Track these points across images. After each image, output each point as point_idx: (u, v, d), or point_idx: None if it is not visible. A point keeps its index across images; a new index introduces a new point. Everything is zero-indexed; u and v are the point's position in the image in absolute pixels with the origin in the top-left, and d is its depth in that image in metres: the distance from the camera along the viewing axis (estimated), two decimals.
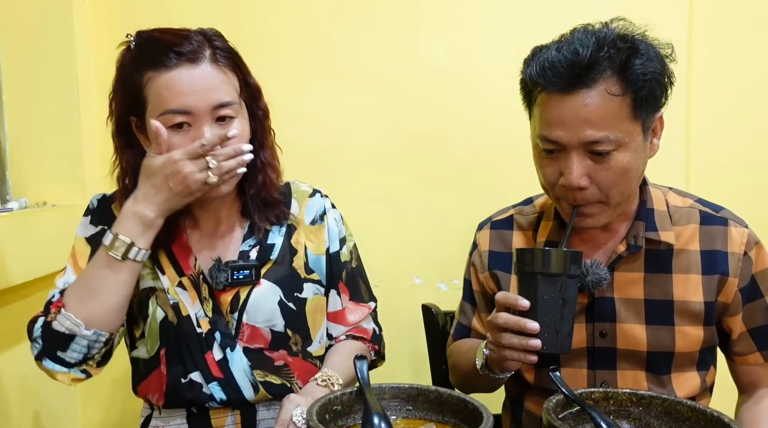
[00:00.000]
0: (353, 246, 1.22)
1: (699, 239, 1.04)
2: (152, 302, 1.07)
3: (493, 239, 1.17)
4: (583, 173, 0.95)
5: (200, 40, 0.99)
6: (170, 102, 0.96)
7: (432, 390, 0.88)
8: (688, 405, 0.83)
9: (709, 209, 1.06)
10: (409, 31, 1.66)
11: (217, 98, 0.98)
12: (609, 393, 0.87)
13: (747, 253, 1.03)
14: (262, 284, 1.09)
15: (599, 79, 0.92)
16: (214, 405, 1.06)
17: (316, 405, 0.81)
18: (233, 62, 1.02)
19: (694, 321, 1.02)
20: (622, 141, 0.94)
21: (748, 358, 1.06)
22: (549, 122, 0.95)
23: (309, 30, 1.68)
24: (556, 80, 0.92)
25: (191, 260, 1.08)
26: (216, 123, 0.99)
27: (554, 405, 0.83)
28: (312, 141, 1.68)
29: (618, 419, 0.86)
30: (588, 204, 0.98)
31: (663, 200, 1.08)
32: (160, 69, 0.96)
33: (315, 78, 1.68)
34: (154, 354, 1.08)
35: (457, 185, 1.70)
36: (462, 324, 1.22)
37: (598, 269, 1.01)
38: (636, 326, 1.03)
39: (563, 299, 0.89)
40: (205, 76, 0.97)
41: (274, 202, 1.11)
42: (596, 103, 0.91)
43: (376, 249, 1.70)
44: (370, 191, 1.70)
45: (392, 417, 0.87)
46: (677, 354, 1.03)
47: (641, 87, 0.92)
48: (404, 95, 1.67)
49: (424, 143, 1.68)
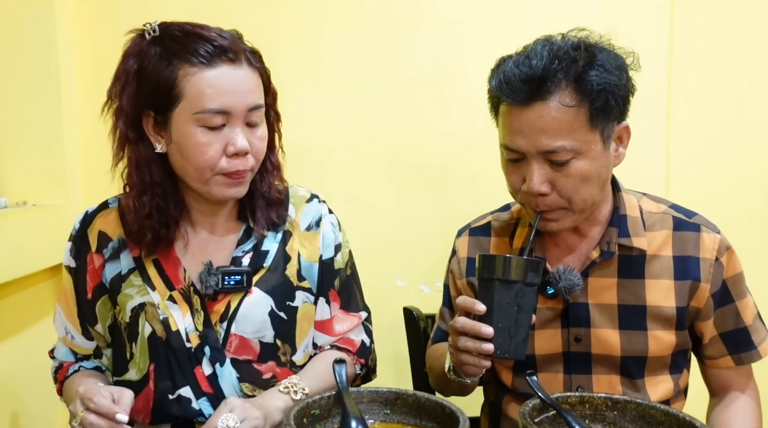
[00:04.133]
0: (349, 254, 1.19)
1: (672, 245, 1.05)
2: (142, 318, 1.05)
3: (471, 245, 1.19)
4: (544, 181, 0.97)
5: (233, 38, 0.99)
6: (212, 101, 0.95)
7: (410, 394, 0.88)
8: (662, 409, 0.84)
9: (683, 215, 1.08)
10: (393, 34, 1.67)
11: (254, 100, 0.98)
12: (585, 398, 0.89)
13: (718, 259, 1.04)
14: (254, 292, 1.07)
15: (554, 91, 0.94)
16: (203, 419, 1.04)
17: (294, 409, 0.81)
18: (261, 65, 1.02)
19: (666, 326, 1.04)
20: (580, 150, 0.95)
21: (719, 362, 1.08)
22: (509, 132, 0.99)
23: (293, 31, 1.67)
24: (513, 94, 0.95)
25: (180, 273, 1.06)
26: (245, 126, 0.99)
27: (530, 409, 0.84)
28: (295, 142, 1.66)
29: (593, 423, 0.88)
30: (551, 210, 1.00)
31: (636, 206, 1.09)
32: (202, 66, 0.94)
33: (298, 79, 1.68)
34: (145, 373, 1.06)
35: (441, 188, 1.70)
36: (441, 329, 1.22)
37: (570, 275, 1.03)
38: (609, 331, 1.05)
39: (519, 305, 0.90)
40: (246, 77, 0.97)
41: (276, 201, 1.11)
42: (551, 115, 0.94)
43: (358, 251, 1.68)
44: (353, 192, 1.70)
45: (370, 421, 0.87)
46: (650, 358, 1.04)
47: (596, 98, 0.94)
48: (387, 97, 1.68)
49: (407, 145, 1.69)
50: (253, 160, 1.01)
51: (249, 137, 0.99)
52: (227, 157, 0.98)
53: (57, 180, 1.62)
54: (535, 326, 1.08)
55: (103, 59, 1.04)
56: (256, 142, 1.01)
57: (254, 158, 1.01)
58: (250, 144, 0.99)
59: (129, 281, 1.07)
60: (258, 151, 1.02)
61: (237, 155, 0.98)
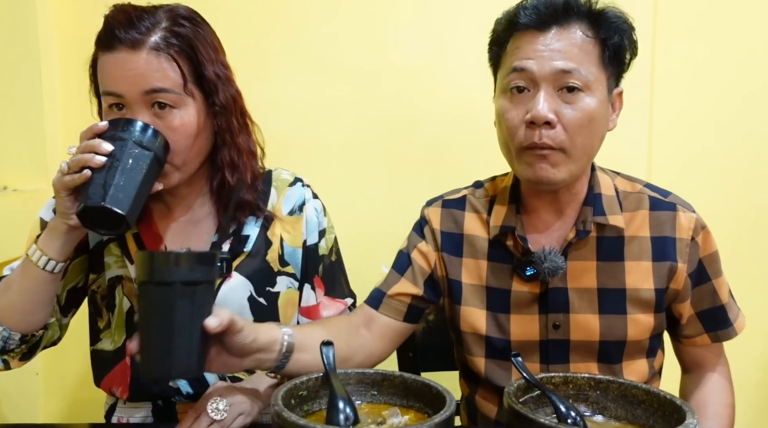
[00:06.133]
0: (334, 240, 1.19)
1: (649, 226, 1.04)
2: (119, 292, 1.06)
3: (444, 218, 1.13)
4: (552, 109, 0.95)
5: (151, 25, 0.97)
6: (106, 84, 0.97)
7: (397, 375, 0.89)
8: (643, 388, 0.86)
9: (658, 195, 1.07)
10: (382, 21, 1.66)
11: (149, 83, 0.96)
12: (568, 378, 0.90)
13: (694, 238, 1.04)
14: (234, 277, 1.07)
15: (574, 19, 0.96)
16: (180, 398, 1.05)
17: (281, 390, 0.81)
18: (183, 51, 0.99)
19: (645, 309, 1.04)
20: (591, 83, 0.96)
21: (695, 340, 1.09)
22: (521, 56, 0.97)
23: (280, 17, 1.66)
24: (533, 17, 0.96)
25: (161, 250, 1.06)
26: (153, 114, 0.97)
27: (515, 389, 0.85)
28: (281, 128, 1.68)
29: (576, 402, 0.89)
30: (552, 150, 0.96)
31: (611, 184, 1.08)
32: (104, 50, 0.97)
33: (286, 65, 1.67)
34: (120, 346, 1.06)
35: (427, 175, 1.71)
36: (379, 290, 1.13)
37: (555, 257, 1.01)
38: (589, 316, 1.03)
39: (175, 312, 0.76)
40: (140, 63, 0.95)
41: (243, 203, 1.07)
42: (569, 38, 0.96)
43: (344, 237, 1.69)
44: (339, 179, 1.70)
45: (357, 402, 0.88)
46: (629, 342, 1.04)
47: (611, 36, 0.97)
48: (375, 85, 1.67)
49: (394, 133, 1.69)
50: None
51: (155, 125, 0.96)
52: None
53: (38, 165, 1.60)
54: (511, 310, 1.06)
55: (85, 43, 1.03)
56: (166, 131, 0.97)
57: None
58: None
59: (109, 249, 1.07)
60: (169, 140, 0.97)
61: None
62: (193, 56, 0.99)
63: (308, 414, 0.85)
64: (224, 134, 1.04)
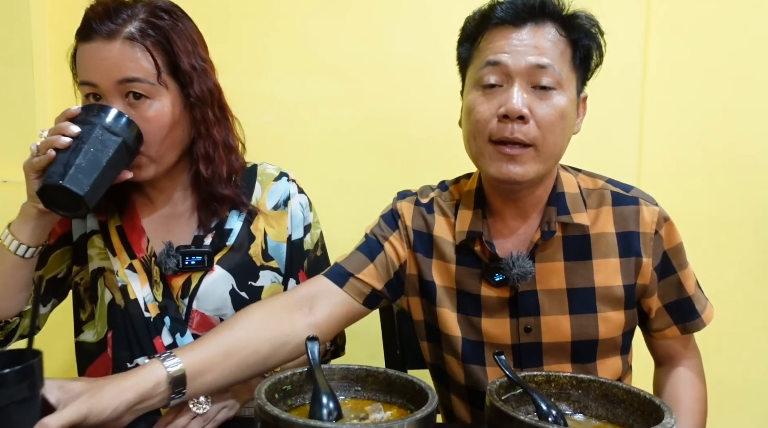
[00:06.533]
0: (319, 235, 1.19)
1: (613, 221, 1.04)
2: (101, 284, 1.06)
3: (415, 215, 1.12)
4: (526, 104, 0.95)
5: (127, 17, 0.98)
6: (82, 74, 0.99)
7: (381, 371, 0.90)
8: (623, 388, 0.86)
9: (620, 190, 1.07)
10: (374, 18, 1.67)
11: (122, 73, 0.97)
12: (551, 377, 0.91)
13: (658, 231, 1.04)
14: (216, 270, 1.07)
15: (547, 19, 0.98)
16: None
17: (265, 384, 0.82)
18: (158, 42, 0.99)
19: (615, 306, 1.04)
20: (563, 82, 0.97)
21: (666, 332, 1.09)
22: (496, 50, 0.97)
23: (273, 13, 1.67)
24: (510, 11, 0.97)
25: (144, 242, 1.07)
26: (127, 105, 0.98)
27: (497, 386, 0.86)
28: (274, 124, 1.68)
29: (558, 401, 0.90)
30: (523, 148, 0.96)
31: (574, 183, 1.07)
32: (82, 41, 0.98)
33: (278, 61, 1.68)
34: (102, 338, 1.07)
35: (418, 173, 1.69)
36: (344, 268, 1.07)
37: (524, 262, 1.01)
38: (560, 317, 1.03)
39: None
40: (114, 52, 0.96)
41: (222, 197, 1.07)
42: (544, 35, 0.97)
43: (335, 234, 1.69)
44: (331, 176, 1.70)
45: (341, 398, 0.88)
46: (601, 341, 1.04)
47: (582, 38, 0.99)
48: (368, 81, 1.68)
49: (386, 130, 1.70)
50: None
51: (130, 116, 0.97)
52: None
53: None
54: (482, 314, 1.06)
55: None
56: (140, 121, 0.97)
57: None
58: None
59: (92, 241, 1.08)
60: (143, 131, 0.98)
61: None
62: (168, 48, 1.00)
63: (292, 408, 0.86)
64: (200, 126, 1.05)
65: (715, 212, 1.70)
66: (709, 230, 1.70)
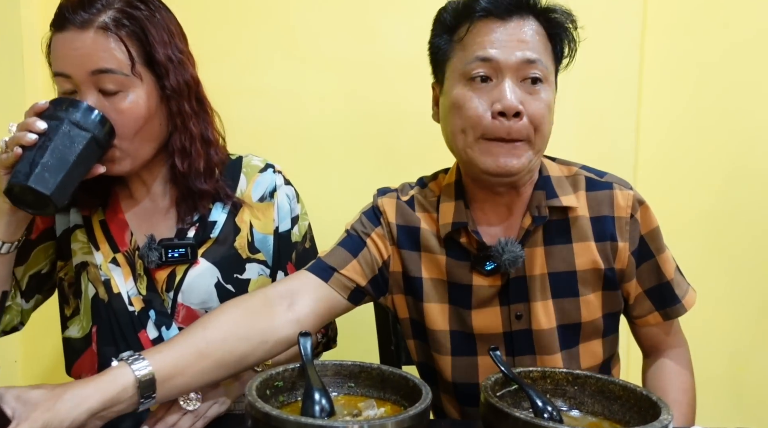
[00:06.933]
0: (307, 226, 1.18)
1: (588, 206, 1.04)
2: (84, 278, 1.04)
3: (398, 211, 1.10)
4: (519, 99, 0.95)
5: (101, 6, 0.95)
6: (55, 65, 0.97)
7: (374, 367, 0.89)
8: (620, 384, 0.86)
9: (594, 175, 1.07)
10: (371, 11, 1.65)
11: (95, 63, 0.94)
12: (546, 372, 0.90)
13: (633, 215, 1.04)
14: (200, 263, 1.06)
15: (531, 14, 0.98)
16: None
17: (256, 380, 0.80)
18: (133, 32, 0.97)
19: (595, 288, 1.04)
20: (548, 76, 0.98)
21: (648, 319, 1.08)
22: (485, 44, 0.96)
23: (267, 5, 1.65)
24: (494, 4, 0.96)
25: (127, 236, 1.06)
26: (101, 96, 0.95)
27: (492, 382, 0.84)
28: (268, 118, 1.66)
29: (554, 397, 0.89)
30: (519, 142, 0.95)
31: (556, 167, 1.08)
32: (56, 31, 0.96)
33: (273, 54, 1.66)
34: (87, 333, 1.05)
35: (414, 168, 1.68)
36: (327, 263, 1.05)
37: (513, 246, 1.00)
38: (546, 302, 1.03)
39: None
40: (87, 42, 0.94)
41: (201, 192, 1.05)
42: (532, 29, 0.97)
43: (331, 229, 1.67)
44: (325, 170, 1.69)
45: (334, 394, 0.87)
46: (583, 323, 1.04)
47: (560, 33, 1.00)
48: (364, 75, 1.66)
49: (382, 125, 1.68)
50: None
51: (102, 107, 0.95)
52: None
53: None
54: (473, 305, 1.04)
55: None
56: (113, 113, 0.95)
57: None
58: (105, 115, 0.94)
59: (75, 235, 1.06)
60: (117, 123, 0.96)
61: None
62: (143, 38, 0.98)
63: (284, 405, 0.85)
64: (176, 119, 1.03)
65: (712, 207, 1.69)
66: (706, 226, 1.69)
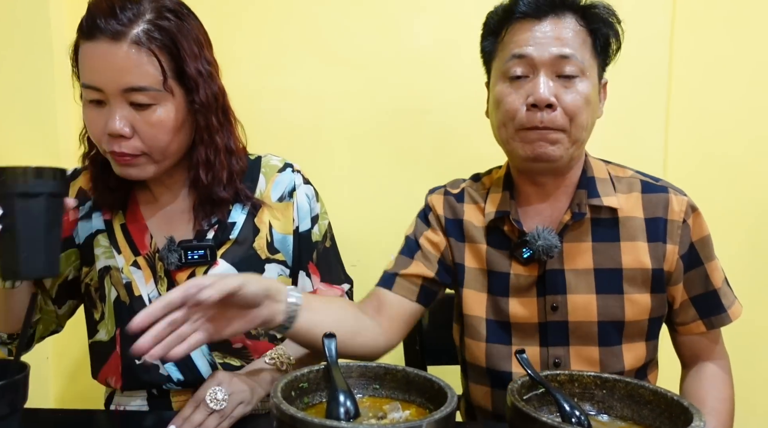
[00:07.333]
0: (327, 225, 1.18)
1: (642, 207, 1.06)
2: (107, 282, 1.06)
3: (445, 205, 1.17)
4: (552, 92, 0.99)
5: (133, 16, 0.93)
6: (85, 76, 0.95)
7: (399, 369, 0.88)
8: (650, 388, 0.84)
9: (649, 179, 1.10)
10: (391, 10, 1.65)
11: (128, 82, 0.93)
12: (574, 376, 0.88)
13: (686, 220, 1.05)
14: (220, 264, 1.06)
15: (567, 10, 1.02)
16: (172, 386, 1.05)
17: (282, 381, 0.81)
18: (165, 46, 0.95)
19: (642, 288, 1.04)
20: (585, 69, 1.01)
21: (690, 327, 1.08)
22: (521, 43, 1.02)
23: (290, 6, 1.65)
24: (532, 5, 1.01)
25: (147, 239, 1.06)
26: (131, 106, 0.95)
27: (519, 386, 0.83)
28: (290, 118, 1.67)
29: (582, 401, 0.87)
30: (553, 131, 1.00)
31: (604, 169, 1.11)
32: (85, 39, 0.94)
33: (295, 55, 1.66)
34: (113, 336, 1.07)
35: (436, 166, 1.69)
36: (389, 272, 1.15)
37: (549, 234, 1.03)
38: (586, 296, 1.05)
39: None
40: (120, 56, 0.92)
41: (218, 200, 1.05)
42: (565, 26, 1.01)
43: (353, 228, 1.69)
44: (347, 169, 1.69)
45: (358, 396, 0.87)
46: (627, 323, 1.05)
47: (600, 28, 1.03)
48: (384, 74, 1.66)
49: (403, 123, 1.68)
50: (141, 144, 0.96)
51: (133, 119, 0.95)
52: (108, 137, 0.95)
53: (50, 153, 1.61)
54: (510, 293, 1.07)
55: None
56: (144, 126, 0.95)
57: (143, 142, 0.96)
58: (135, 127, 0.95)
59: (97, 240, 1.08)
60: (146, 135, 0.96)
61: (112, 136, 0.95)
62: (175, 52, 0.96)
63: (308, 406, 0.85)
64: (202, 133, 1.02)
65: (741, 206, 1.66)
66: (735, 225, 1.66)
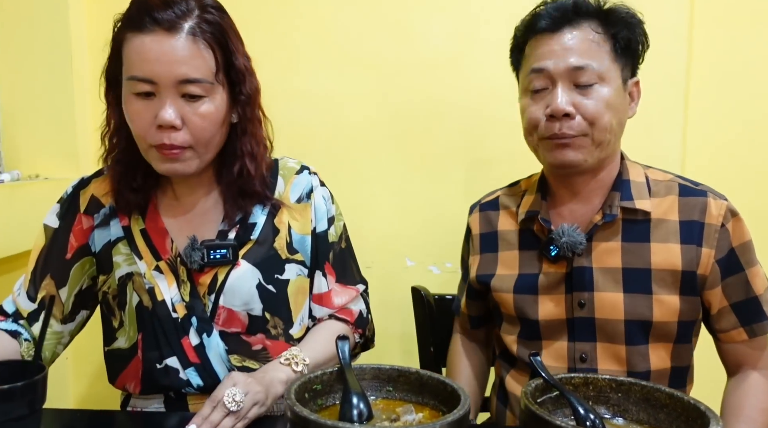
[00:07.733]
0: (343, 226, 1.19)
1: (678, 210, 1.05)
2: (129, 288, 1.06)
3: (482, 221, 1.22)
4: (569, 102, 1.01)
5: (186, 9, 0.94)
6: (136, 68, 0.94)
7: (413, 371, 0.88)
8: (666, 392, 0.83)
9: (689, 183, 1.09)
10: (407, 12, 1.64)
11: (184, 73, 0.93)
12: (588, 379, 0.88)
13: (724, 225, 1.03)
14: (242, 264, 1.07)
15: (583, 20, 1.04)
16: (191, 390, 1.06)
17: (295, 383, 0.81)
18: (217, 39, 0.96)
19: (671, 290, 1.03)
20: (604, 75, 1.02)
21: (732, 334, 1.06)
22: (538, 57, 1.05)
23: (306, 9, 1.66)
24: (548, 20, 1.04)
25: (168, 243, 1.07)
26: (182, 98, 0.95)
27: (533, 389, 0.83)
28: (306, 120, 1.68)
29: (597, 404, 0.87)
30: (574, 137, 1.02)
31: (642, 173, 1.11)
32: (136, 32, 0.94)
33: (311, 57, 1.67)
34: (134, 342, 1.07)
35: (452, 168, 1.69)
36: (459, 299, 1.28)
37: (574, 232, 1.04)
38: (614, 294, 1.04)
39: None
40: (177, 47, 0.93)
41: (252, 193, 1.07)
42: (581, 36, 1.03)
43: (368, 230, 1.69)
44: (363, 171, 1.69)
45: (372, 398, 0.87)
46: (655, 323, 1.03)
47: (620, 31, 1.03)
48: (400, 76, 1.66)
49: (419, 125, 1.67)
50: (190, 136, 0.97)
51: (183, 111, 0.95)
52: (157, 129, 0.95)
53: (69, 154, 1.63)
54: (539, 291, 1.09)
55: None
56: (194, 118, 0.96)
57: (191, 135, 0.97)
58: (185, 119, 0.95)
59: (117, 248, 1.08)
60: (196, 127, 0.96)
61: (163, 127, 0.95)
62: (225, 45, 0.98)
63: (322, 408, 0.85)
64: (246, 124, 1.04)
65: (761, 205, 1.63)
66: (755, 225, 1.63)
